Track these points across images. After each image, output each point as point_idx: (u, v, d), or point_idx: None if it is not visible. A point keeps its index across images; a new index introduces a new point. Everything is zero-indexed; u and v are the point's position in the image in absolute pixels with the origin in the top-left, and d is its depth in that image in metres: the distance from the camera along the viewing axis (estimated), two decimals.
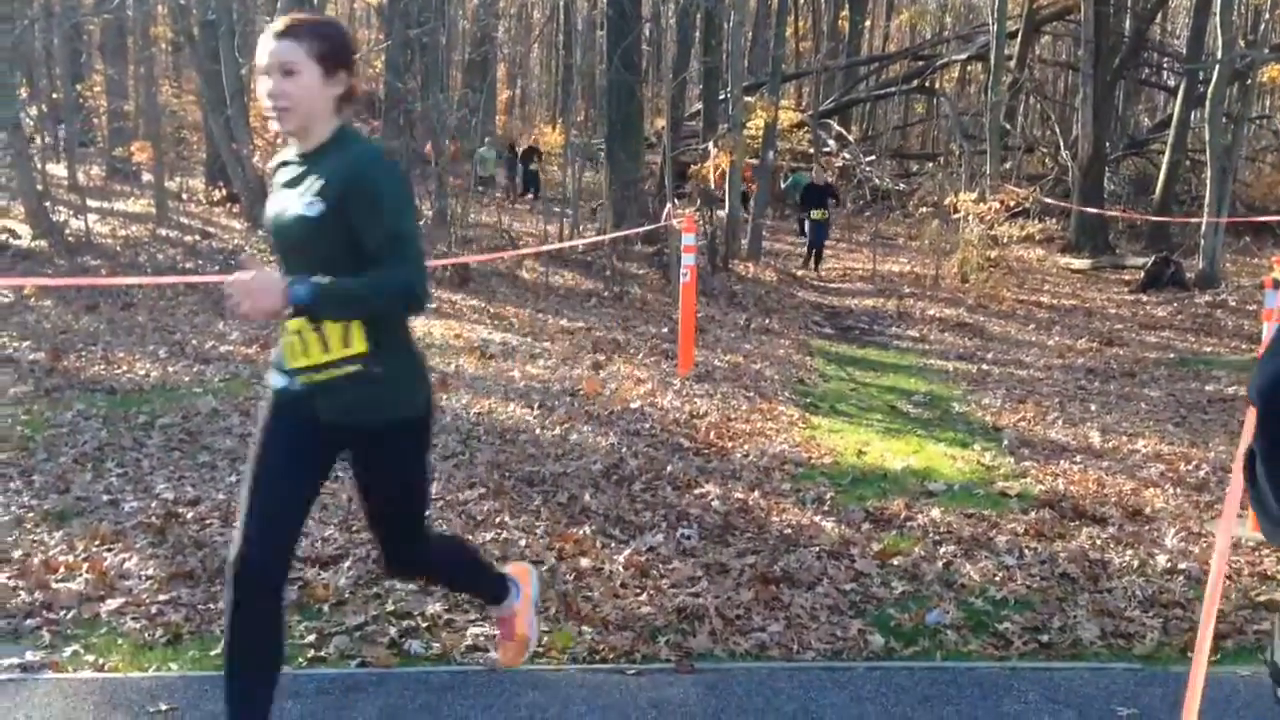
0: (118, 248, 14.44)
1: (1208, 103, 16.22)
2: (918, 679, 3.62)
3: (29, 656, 3.61)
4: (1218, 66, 16.13)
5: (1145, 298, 15.41)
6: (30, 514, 4.97)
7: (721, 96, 20.51)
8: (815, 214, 17.17)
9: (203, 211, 18.52)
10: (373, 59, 19.29)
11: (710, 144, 16.58)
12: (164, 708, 3.30)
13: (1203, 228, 16.23)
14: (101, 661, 3.62)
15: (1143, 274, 16.50)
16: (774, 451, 6.48)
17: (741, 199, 17.77)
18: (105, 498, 5.26)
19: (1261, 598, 4.31)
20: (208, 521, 4.91)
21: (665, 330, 11.02)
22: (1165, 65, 30.29)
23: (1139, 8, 23.84)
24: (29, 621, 3.87)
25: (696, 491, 5.59)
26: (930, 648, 3.89)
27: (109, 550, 4.53)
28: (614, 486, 5.64)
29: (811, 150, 23.27)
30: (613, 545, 4.76)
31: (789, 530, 5.04)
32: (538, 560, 4.51)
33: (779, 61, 19.45)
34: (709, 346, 10.19)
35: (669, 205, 14.81)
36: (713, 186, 16.49)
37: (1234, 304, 14.47)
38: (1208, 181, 16.28)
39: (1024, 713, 3.41)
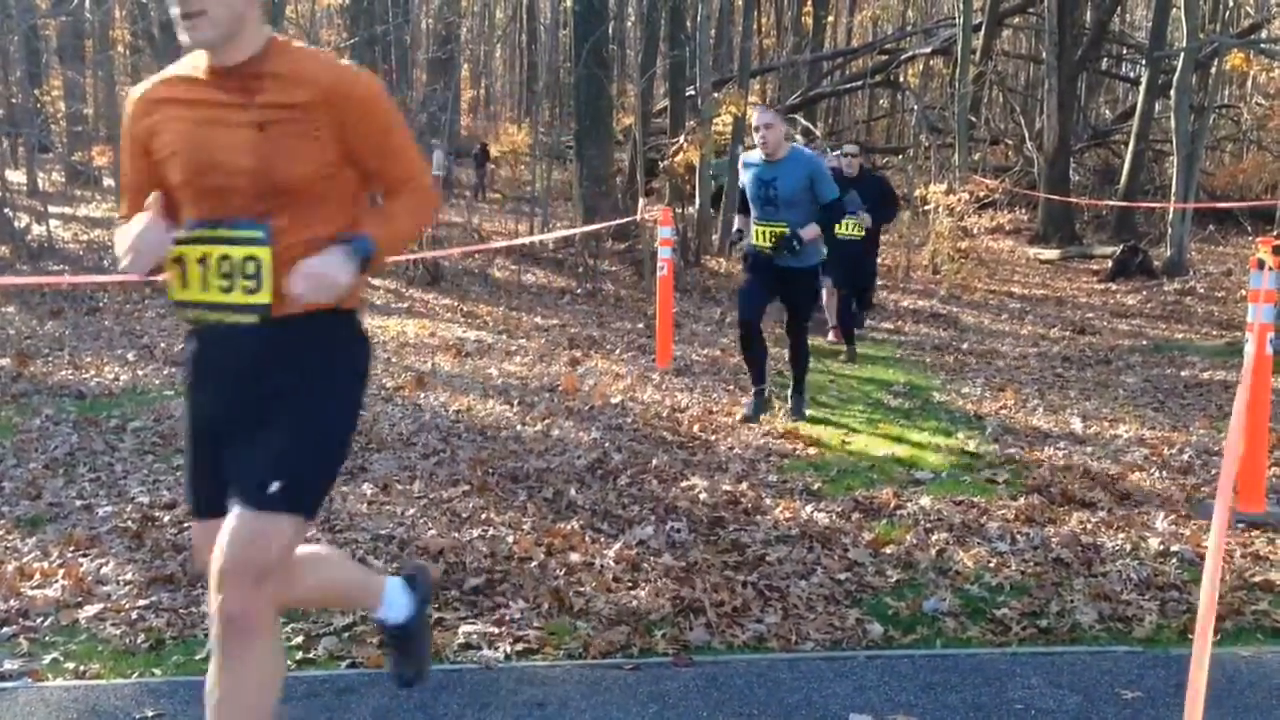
0: (80, 252, 14.22)
1: (1174, 91, 16.32)
2: (919, 667, 3.57)
3: (7, 665, 3.50)
4: (1183, 54, 16.24)
5: (1114, 286, 15.49)
6: (1, 521, 4.84)
7: (689, 92, 20.45)
8: (847, 227, 9.17)
9: None
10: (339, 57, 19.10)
11: (683, 138, 16.51)
12: (150, 714, 3.20)
13: (1169, 216, 16.35)
14: (82, 669, 3.51)
15: (1111, 263, 16.60)
16: (758, 443, 6.43)
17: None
18: (79, 503, 5.13)
19: (1256, 578, 4.29)
20: (186, 525, 4.79)
21: (640, 326, 10.94)
22: (1126, 57, 30.53)
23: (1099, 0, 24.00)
24: (5, 630, 3.75)
25: (683, 484, 5.52)
26: (929, 635, 3.84)
27: (84, 556, 4.41)
28: (599, 481, 5.57)
29: None
30: (602, 540, 4.68)
31: (779, 521, 4.98)
32: (526, 556, 4.44)
33: (747, 54, 19.41)
34: (686, 341, 10.13)
35: (641, 201, 14.74)
36: (682, 182, 16.44)
37: (1202, 291, 14.57)
38: (1174, 170, 16.39)
39: (1029, 698, 3.36)
